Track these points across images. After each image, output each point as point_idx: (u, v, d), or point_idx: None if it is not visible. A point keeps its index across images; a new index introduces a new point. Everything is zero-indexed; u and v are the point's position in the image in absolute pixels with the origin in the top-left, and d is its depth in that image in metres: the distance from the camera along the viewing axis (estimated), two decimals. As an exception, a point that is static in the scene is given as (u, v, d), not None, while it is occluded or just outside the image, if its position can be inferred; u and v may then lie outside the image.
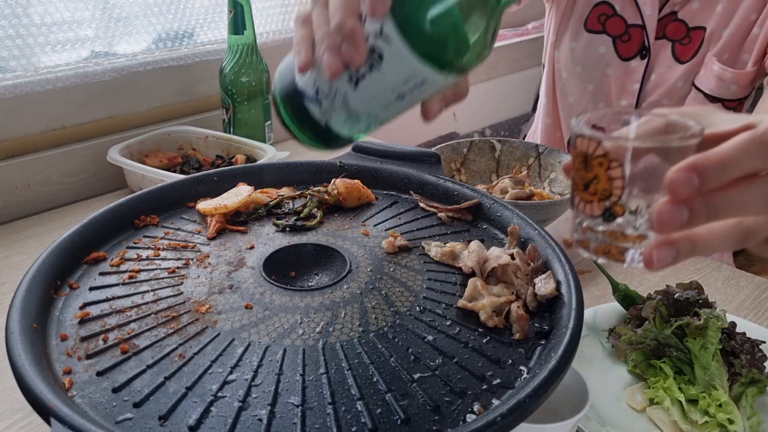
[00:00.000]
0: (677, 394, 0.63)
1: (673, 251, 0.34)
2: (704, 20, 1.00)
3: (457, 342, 0.49)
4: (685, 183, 0.32)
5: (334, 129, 0.49)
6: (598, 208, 0.38)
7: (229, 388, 0.44)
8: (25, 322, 0.48)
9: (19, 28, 1.00)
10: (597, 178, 0.38)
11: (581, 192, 0.39)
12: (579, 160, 0.38)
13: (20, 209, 1.02)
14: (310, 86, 0.47)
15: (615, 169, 0.37)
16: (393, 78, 0.44)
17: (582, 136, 0.38)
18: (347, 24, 0.42)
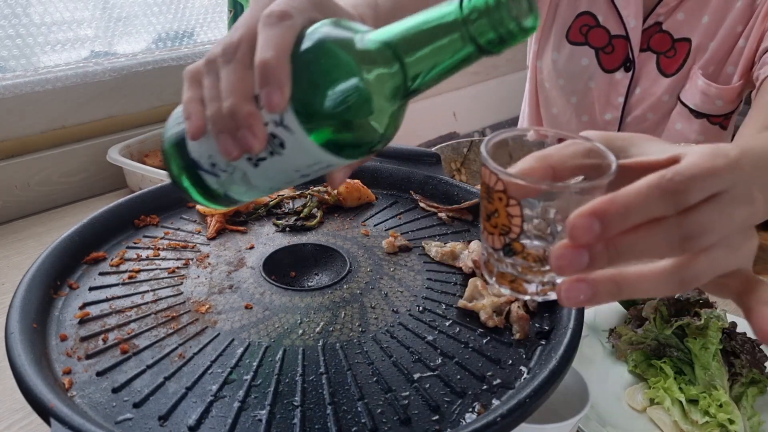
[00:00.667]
0: (678, 395, 0.63)
1: (589, 289, 0.32)
2: (689, 32, 0.98)
3: (457, 342, 0.49)
4: (586, 229, 0.31)
5: (234, 197, 0.46)
6: (499, 242, 0.37)
7: (229, 389, 0.44)
8: (24, 322, 0.48)
9: (18, 28, 1.00)
10: (497, 212, 0.36)
11: (485, 222, 0.37)
12: (483, 189, 0.37)
13: (20, 209, 1.02)
14: (205, 158, 0.44)
15: (513, 207, 0.35)
16: (296, 163, 0.42)
17: (485, 166, 0.36)
18: (243, 110, 0.39)
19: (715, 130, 0.99)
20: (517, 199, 0.35)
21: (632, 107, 1.06)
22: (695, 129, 1.00)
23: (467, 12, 0.36)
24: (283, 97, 0.38)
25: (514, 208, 0.35)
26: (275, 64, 0.38)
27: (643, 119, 1.06)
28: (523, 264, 0.37)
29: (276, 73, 0.38)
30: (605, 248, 0.32)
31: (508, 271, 0.38)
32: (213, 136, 0.41)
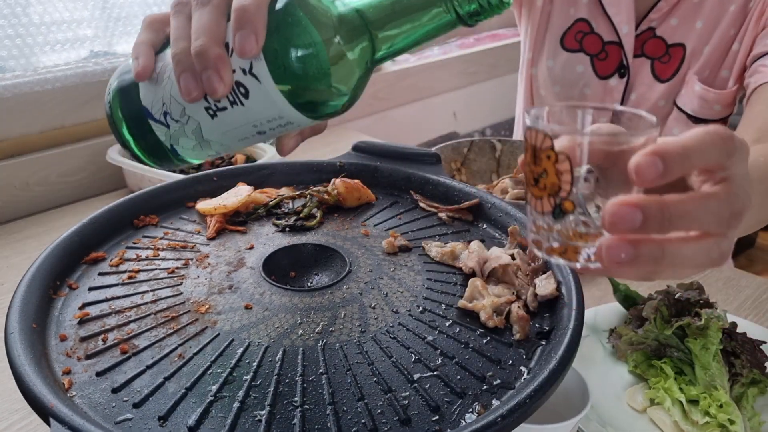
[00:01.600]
0: (678, 395, 0.62)
1: (633, 249, 0.33)
2: (683, 37, 0.98)
3: (457, 342, 0.49)
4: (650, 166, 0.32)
5: (179, 153, 0.46)
6: (549, 204, 0.36)
7: (229, 389, 0.44)
8: (24, 323, 0.47)
9: (18, 28, 1.00)
10: (545, 172, 0.36)
11: (532, 187, 0.37)
12: (529, 153, 0.37)
13: (19, 209, 1.02)
14: (157, 106, 0.43)
15: (563, 162, 0.35)
16: (257, 116, 0.42)
17: (530, 129, 0.36)
18: (212, 51, 0.38)
19: None
20: (566, 154, 0.35)
21: None
22: None
23: None
24: (257, 43, 0.38)
25: (564, 164, 0.35)
26: (253, 10, 0.38)
27: None
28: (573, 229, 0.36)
29: (253, 19, 0.38)
30: (659, 211, 0.32)
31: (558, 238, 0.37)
32: (174, 75, 0.40)
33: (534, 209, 0.38)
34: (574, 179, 0.35)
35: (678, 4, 0.96)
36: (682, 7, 0.96)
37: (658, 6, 0.97)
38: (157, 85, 0.42)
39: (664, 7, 0.97)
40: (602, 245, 0.33)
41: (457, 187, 0.70)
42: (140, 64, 0.42)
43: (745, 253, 2.60)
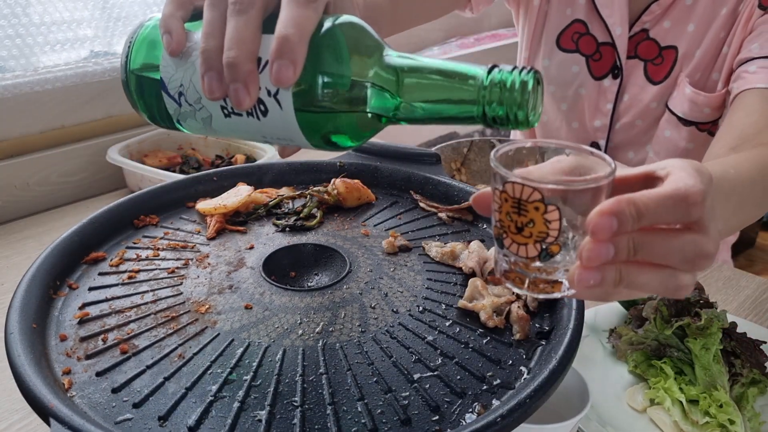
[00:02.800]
0: (678, 395, 0.62)
1: (597, 275, 0.36)
2: (675, 39, 0.98)
3: (457, 342, 0.49)
4: (606, 227, 0.35)
5: (181, 126, 0.46)
6: (534, 250, 0.39)
7: (229, 389, 0.44)
8: (24, 323, 0.47)
9: (18, 28, 1.00)
10: (532, 221, 0.38)
11: (514, 235, 0.39)
12: (509, 204, 0.39)
13: (19, 209, 1.02)
14: (174, 84, 0.43)
15: (552, 212, 0.37)
16: (268, 131, 0.43)
17: (513, 183, 0.38)
18: (244, 67, 0.39)
19: (704, 137, 0.99)
20: (555, 205, 0.37)
21: (621, 114, 1.06)
22: (684, 136, 1.00)
23: (492, 81, 0.38)
24: (294, 74, 0.39)
25: (553, 213, 0.37)
26: (296, 41, 0.39)
27: (632, 126, 1.05)
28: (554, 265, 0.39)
29: (294, 50, 0.38)
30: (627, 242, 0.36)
31: (542, 276, 0.40)
32: (200, 69, 0.41)
33: (515, 254, 0.40)
34: (561, 226, 0.38)
35: (671, 7, 0.96)
36: (674, 10, 0.96)
37: (650, 8, 0.97)
38: (178, 65, 0.43)
39: (656, 10, 0.97)
40: (573, 274, 0.37)
41: (457, 187, 0.70)
42: (174, 40, 0.42)
43: (745, 253, 2.60)
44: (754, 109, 0.81)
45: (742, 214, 0.68)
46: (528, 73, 0.37)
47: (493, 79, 0.37)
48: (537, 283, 0.40)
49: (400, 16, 0.98)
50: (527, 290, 0.41)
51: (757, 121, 0.79)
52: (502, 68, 0.38)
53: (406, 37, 1.77)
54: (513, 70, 0.37)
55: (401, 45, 1.73)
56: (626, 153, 1.09)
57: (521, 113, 0.38)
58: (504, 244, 0.40)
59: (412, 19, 1.04)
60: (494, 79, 0.37)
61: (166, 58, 0.43)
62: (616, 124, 1.07)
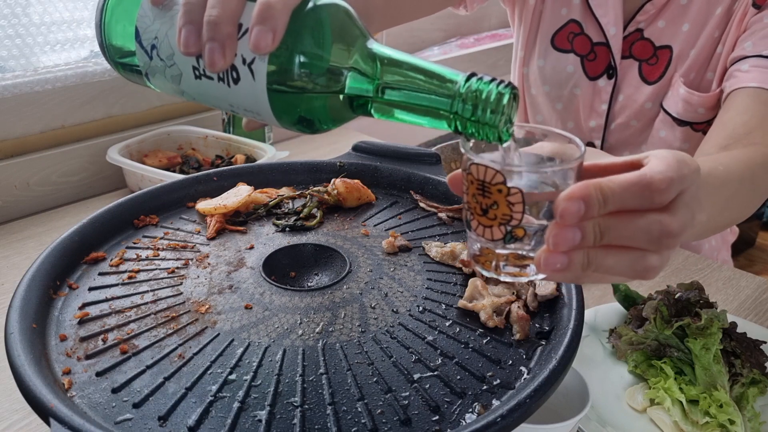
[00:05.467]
0: (678, 395, 0.62)
1: (564, 258, 0.37)
2: (670, 39, 0.98)
3: (457, 342, 0.49)
4: (573, 212, 0.35)
5: (149, 81, 0.45)
6: (499, 232, 0.39)
7: (229, 389, 0.44)
8: (24, 323, 0.47)
9: (18, 28, 1.00)
10: (496, 203, 0.38)
11: (479, 217, 0.39)
12: (475, 186, 0.38)
13: (19, 209, 1.02)
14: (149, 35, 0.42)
15: (514, 195, 0.37)
16: (237, 100, 0.42)
17: (477, 165, 0.38)
18: (224, 27, 0.39)
19: (699, 137, 0.98)
20: (518, 188, 0.37)
21: (616, 114, 1.06)
22: (679, 137, 1.00)
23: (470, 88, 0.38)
24: (272, 43, 0.38)
25: (516, 196, 0.37)
26: (279, 9, 0.38)
27: (627, 126, 1.05)
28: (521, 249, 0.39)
29: (275, 19, 0.38)
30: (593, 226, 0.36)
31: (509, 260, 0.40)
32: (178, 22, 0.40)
33: (481, 236, 0.40)
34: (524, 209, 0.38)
35: (665, 7, 0.96)
36: (669, 10, 0.96)
37: (645, 8, 0.97)
38: (157, 16, 0.42)
39: (651, 9, 0.97)
40: (540, 258, 0.37)
41: (457, 187, 0.70)
42: None
43: (745, 253, 2.60)
44: (746, 109, 0.81)
45: (730, 211, 0.68)
46: (506, 87, 0.37)
47: (470, 87, 0.37)
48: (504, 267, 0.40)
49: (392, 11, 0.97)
50: (494, 273, 0.41)
51: (748, 120, 0.79)
52: (481, 77, 0.38)
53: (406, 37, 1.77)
54: (491, 81, 0.38)
55: (401, 44, 1.73)
56: (622, 153, 1.09)
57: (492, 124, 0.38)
58: (471, 226, 0.40)
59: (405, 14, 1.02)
60: (471, 86, 0.37)
61: (146, 7, 0.43)
62: (611, 124, 1.07)
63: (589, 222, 0.36)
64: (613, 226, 0.37)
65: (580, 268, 0.37)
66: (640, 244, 0.38)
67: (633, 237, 0.37)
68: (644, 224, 0.37)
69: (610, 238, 0.37)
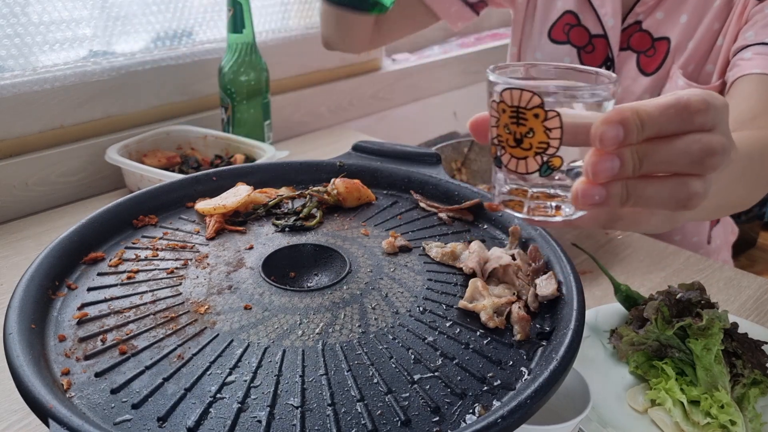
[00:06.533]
0: (679, 395, 0.62)
1: (603, 191, 0.35)
2: (668, 31, 0.97)
3: (457, 343, 0.49)
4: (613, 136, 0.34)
5: None
6: (535, 163, 0.37)
7: (228, 390, 0.44)
8: (23, 323, 0.47)
9: (17, 27, 0.99)
10: (532, 131, 0.36)
11: (512, 149, 0.37)
12: (508, 114, 0.37)
13: (18, 209, 1.02)
14: None
15: (552, 119, 0.35)
16: None
17: (511, 89, 0.36)
18: None
19: None
20: (556, 111, 0.35)
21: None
22: None
23: None
24: None
25: (553, 120, 0.36)
26: None
27: None
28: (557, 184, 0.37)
29: None
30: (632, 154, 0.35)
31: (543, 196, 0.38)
32: None
33: (514, 170, 0.38)
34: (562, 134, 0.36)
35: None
36: (667, 1, 0.96)
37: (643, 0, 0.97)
38: None
39: (649, 1, 0.97)
40: (577, 191, 0.36)
41: (457, 187, 0.70)
42: None
43: (747, 253, 2.60)
44: (750, 94, 0.81)
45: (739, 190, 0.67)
46: None
47: None
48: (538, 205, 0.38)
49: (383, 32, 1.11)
50: (527, 214, 0.39)
51: (754, 106, 0.78)
52: None
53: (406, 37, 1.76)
54: None
55: (402, 43, 1.73)
56: None
57: None
58: (502, 161, 0.38)
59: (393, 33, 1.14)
60: None
61: None
62: None
63: (627, 149, 0.35)
64: (651, 151, 0.35)
65: (619, 201, 0.35)
66: (682, 167, 0.36)
67: (673, 161, 0.36)
68: (684, 145, 0.36)
69: (650, 164, 0.35)
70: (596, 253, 0.92)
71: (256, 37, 1.14)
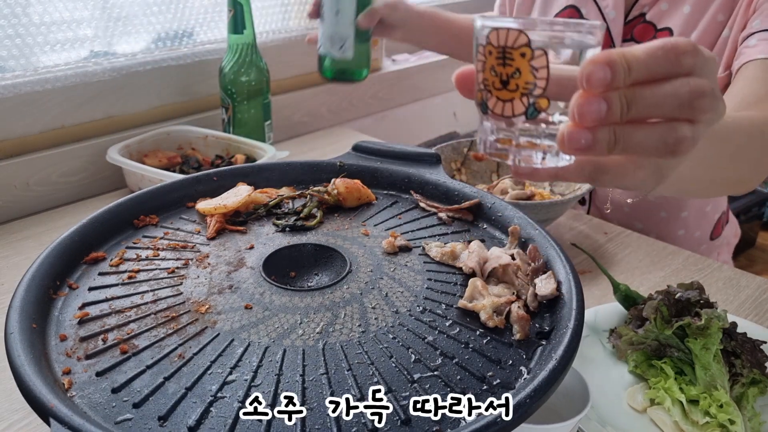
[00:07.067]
0: (678, 395, 0.62)
1: (590, 135, 0.34)
2: (671, 21, 0.98)
3: (457, 342, 0.49)
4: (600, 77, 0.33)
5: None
6: (521, 105, 0.36)
7: (229, 389, 0.44)
8: (24, 323, 0.47)
9: (18, 28, 1.00)
10: (518, 71, 0.35)
11: (498, 91, 0.36)
12: (494, 56, 0.36)
13: (19, 209, 1.02)
14: None
15: (539, 58, 0.35)
16: None
17: (497, 29, 0.35)
18: None
19: None
20: (543, 50, 0.35)
21: None
22: None
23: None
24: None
25: (540, 59, 0.35)
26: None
27: None
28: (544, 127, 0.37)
29: None
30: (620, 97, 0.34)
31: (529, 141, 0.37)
32: None
33: (500, 115, 0.37)
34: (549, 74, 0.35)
35: None
36: None
37: None
38: None
39: None
40: (564, 134, 0.35)
41: (457, 187, 0.70)
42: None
43: (746, 253, 2.60)
44: (755, 79, 0.80)
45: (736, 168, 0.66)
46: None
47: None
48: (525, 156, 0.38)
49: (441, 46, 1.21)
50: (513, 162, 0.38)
51: (758, 90, 0.78)
52: None
53: (406, 37, 1.77)
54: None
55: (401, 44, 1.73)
56: None
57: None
58: (488, 105, 0.37)
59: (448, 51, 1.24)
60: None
61: None
62: None
63: (615, 92, 0.34)
64: (639, 95, 0.35)
65: (606, 146, 0.35)
66: (671, 110, 0.36)
67: (661, 104, 0.35)
68: (672, 88, 0.35)
69: (638, 109, 0.35)
70: (595, 253, 0.92)
71: (257, 38, 1.14)
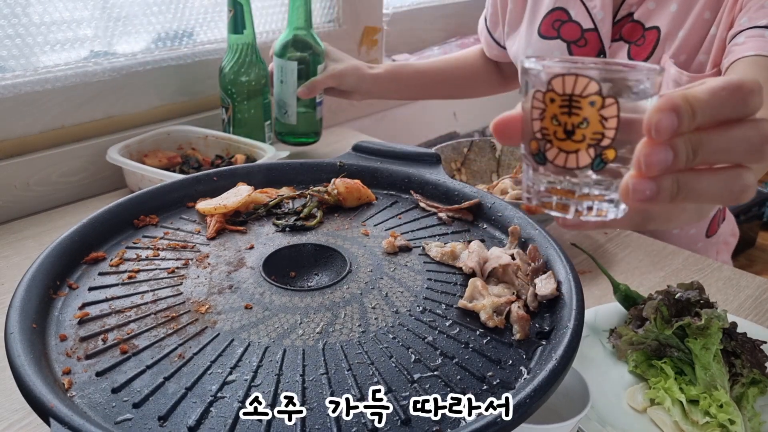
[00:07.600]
0: (678, 395, 0.62)
1: (654, 185, 0.33)
2: (658, 20, 0.97)
3: (457, 342, 0.49)
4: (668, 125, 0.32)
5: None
6: (587, 156, 0.34)
7: (229, 389, 0.44)
8: (24, 323, 0.47)
9: (18, 28, 1.00)
10: (586, 121, 0.33)
11: (561, 142, 0.34)
12: (557, 104, 0.34)
13: (19, 209, 1.02)
14: None
15: (610, 107, 0.33)
16: None
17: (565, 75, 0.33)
18: None
19: None
20: (614, 98, 0.33)
21: None
22: None
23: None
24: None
25: (611, 108, 0.33)
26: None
27: None
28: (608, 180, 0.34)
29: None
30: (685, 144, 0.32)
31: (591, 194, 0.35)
32: None
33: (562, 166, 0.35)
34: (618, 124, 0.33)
35: None
36: None
37: None
38: None
39: None
40: (627, 185, 0.33)
41: (457, 187, 0.70)
42: None
43: (745, 253, 2.60)
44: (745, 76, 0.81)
45: None
46: None
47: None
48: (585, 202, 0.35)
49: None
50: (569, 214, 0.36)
51: None
52: None
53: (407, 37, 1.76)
54: None
55: (402, 44, 1.73)
56: None
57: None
58: (547, 157, 0.35)
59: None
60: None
61: None
62: None
63: (680, 138, 0.32)
64: (706, 140, 0.33)
65: (669, 195, 0.33)
66: (739, 156, 0.34)
67: (730, 149, 0.33)
68: (741, 133, 0.33)
69: (704, 154, 0.33)
70: (595, 253, 0.92)
71: (257, 38, 1.14)
